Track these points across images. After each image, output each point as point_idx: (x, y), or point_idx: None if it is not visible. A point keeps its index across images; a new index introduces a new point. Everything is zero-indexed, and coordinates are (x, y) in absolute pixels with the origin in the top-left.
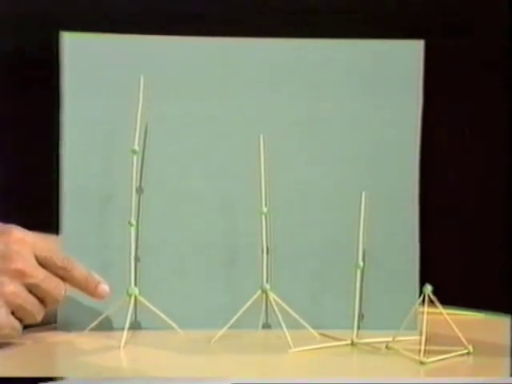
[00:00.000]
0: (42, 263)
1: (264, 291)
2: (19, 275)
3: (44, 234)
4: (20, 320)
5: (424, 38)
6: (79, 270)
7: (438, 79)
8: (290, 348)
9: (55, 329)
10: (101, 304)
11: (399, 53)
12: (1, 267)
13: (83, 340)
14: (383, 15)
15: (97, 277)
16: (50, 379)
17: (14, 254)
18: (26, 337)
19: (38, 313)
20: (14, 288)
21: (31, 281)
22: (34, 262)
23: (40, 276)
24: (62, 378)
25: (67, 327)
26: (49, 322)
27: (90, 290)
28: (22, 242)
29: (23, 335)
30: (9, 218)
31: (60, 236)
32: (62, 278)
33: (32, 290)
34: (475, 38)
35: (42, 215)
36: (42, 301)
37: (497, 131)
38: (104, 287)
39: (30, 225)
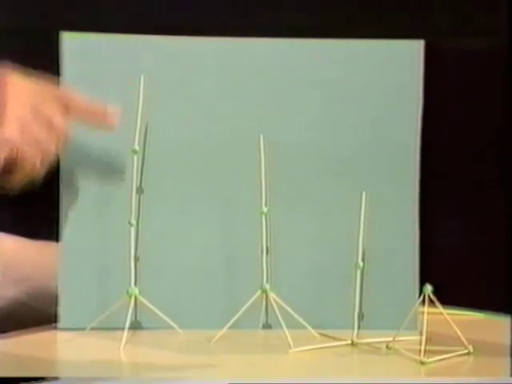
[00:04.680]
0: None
1: (264, 291)
2: (18, 95)
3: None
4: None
5: (424, 38)
6: (80, 98)
7: (438, 79)
8: (290, 348)
9: (55, 329)
10: (101, 304)
11: (399, 53)
12: None
13: (83, 340)
14: (383, 15)
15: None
16: (50, 379)
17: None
18: (26, 337)
19: (49, 140)
20: (14, 94)
21: (31, 100)
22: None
23: (39, 99)
24: (61, 378)
25: (67, 327)
26: (49, 322)
27: (98, 114)
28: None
29: (23, 335)
30: (8, 217)
31: (60, 236)
32: (66, 107)
33: (33, 114)
34: (475, 38)
35: (42, 215)
36: (48, 128)
37: (497, 131)
38: (112, 115)
39: (31, 224)
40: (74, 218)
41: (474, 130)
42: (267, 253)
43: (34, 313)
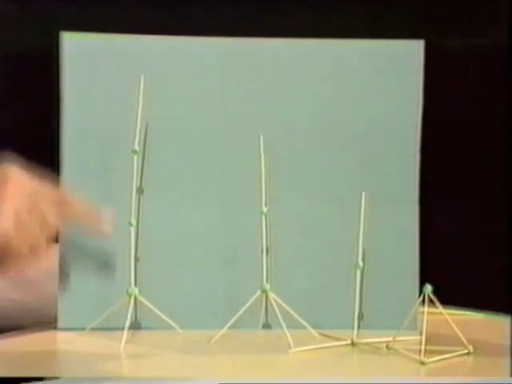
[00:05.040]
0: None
1: (264, 291)
2: (17, 191)
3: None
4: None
5: (424, 38)
6: (77, 203)
7: (438, 79)
8: (290, 348)
9: (55, 329)
10: (101, 304)
11: (399, 53)
12: None
13: (83, 340)
14: (383, 15)
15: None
16: (50, 379)
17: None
18: (26, 337)
19: (39, 239)
20: (13, 190)
21: (28, 196)
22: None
23: (36, 196)
24: (61, 378)
25: (67, 327)
26: (49, 322)
27: (92, 221)
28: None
29: (23, 335)
30: None
31: (60, 236)
32: (62, 209)
33: (29, 209)
34: (475, 38)
35: None
36: (40, 227)
37: (497, 131)
38: (106, 225)
39: None
40: None
41: (474, 129)
42: (267, 253)
43: (34, 314)
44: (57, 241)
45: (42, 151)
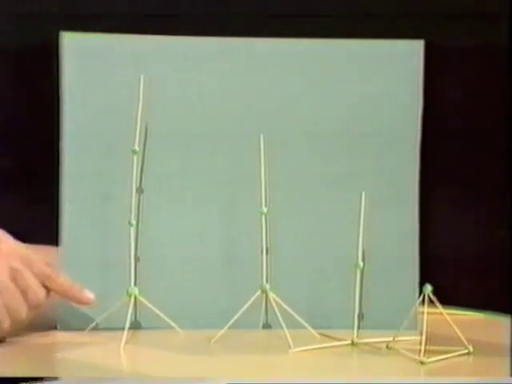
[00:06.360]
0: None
1: (264, 291)
2: (9, 253)
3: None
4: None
5: (424, 38)
6: (61, 276)
7: (438, 79)
8: (290, 348)
9: (55, 329)
10: (101, 304)
11: (399, 53)
12: None
13: (83, 340)
14: (383, 15)
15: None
16: (50, 379)
17: None
18: (26, 337)
19: (21, 306)
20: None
21: (13, 264)
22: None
23: (21, 265)
24: (61, 379)
25: (67, 327)
26: (49, 322)
27: (75, 293)
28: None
29: (23, 335)
30: (8, 218)
31: (60, 236)
32: (45, 283)
33: (12, 278)
34: (475, 38)
35: (42, 215)
36: (23, 295)
37: (497, 131)
38: (89, 293)
39: (30, 225)
40: (74, 217)
41: (474, 130)
42: (267, 253)
43: (34, 320)
44: (57, 233)
45: (42, 151)
